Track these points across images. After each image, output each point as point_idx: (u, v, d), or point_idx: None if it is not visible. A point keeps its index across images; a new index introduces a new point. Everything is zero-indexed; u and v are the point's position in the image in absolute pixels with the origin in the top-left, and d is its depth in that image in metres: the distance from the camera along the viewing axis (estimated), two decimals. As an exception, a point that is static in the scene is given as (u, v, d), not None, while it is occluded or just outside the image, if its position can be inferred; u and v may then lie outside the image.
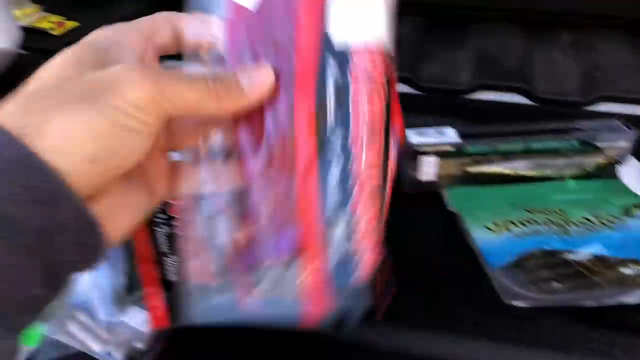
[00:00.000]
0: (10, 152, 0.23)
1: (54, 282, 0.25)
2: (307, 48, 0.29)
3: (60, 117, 0.24)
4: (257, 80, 0.29)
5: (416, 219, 0.57)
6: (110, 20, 0.31)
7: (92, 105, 0.25)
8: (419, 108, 0.71)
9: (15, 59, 0.73)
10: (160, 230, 0.50)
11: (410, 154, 0.57)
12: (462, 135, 0.57)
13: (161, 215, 0.51)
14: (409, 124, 0.70)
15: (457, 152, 0.57)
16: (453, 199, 0.57)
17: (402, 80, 0.78)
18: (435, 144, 0.57)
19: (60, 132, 0.24)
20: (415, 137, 0.57)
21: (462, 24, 0.89)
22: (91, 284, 0.47)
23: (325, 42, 0.29)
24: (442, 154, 0.57)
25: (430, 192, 0.59)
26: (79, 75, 0.26)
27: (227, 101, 0.28)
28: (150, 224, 0.50)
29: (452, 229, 0.55)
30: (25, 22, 0.87)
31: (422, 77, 0.78)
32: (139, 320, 0.46)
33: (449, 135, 0.57)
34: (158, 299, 0.45)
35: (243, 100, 0.28)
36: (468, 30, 0.88)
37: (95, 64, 0.27)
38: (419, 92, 0.77)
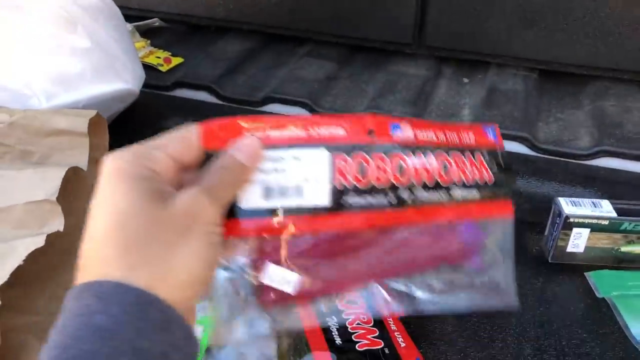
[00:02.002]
0: (135, 299, 0.27)
1: None
2: None
3: (179, 256, 0.28)
4: (250, 152, 0.33)
5: (561, 296, 0.54)
6: (214, 57, 0.32)
7: (193, 236, 0.29)
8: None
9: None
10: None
11: (563, 224, 0.54)
12: (618, 210, 0.54)
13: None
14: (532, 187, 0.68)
15: (611, 227, 0.54)
16: (601, 283, 0.54)
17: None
18: (589, 217, 0.54)
19: (184, 270, 0.28)
20: (568, 206, 0.54)
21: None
22: None
23: None
24: (595, 228, 0.54)
25: (574, 265, 0.56)
26: (151, 208, 0.29)
27: (242, 176, 0.33)
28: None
29: (602, 316, 0.52)
30: (135, 57, 0.88)
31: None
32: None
33: (605, 208, 0.54)
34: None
35: (248, 170, 0.33)
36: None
37: (156, 197, 0.29)
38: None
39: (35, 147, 0.55)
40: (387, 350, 0.44)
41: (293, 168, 0.35)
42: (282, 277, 0.36)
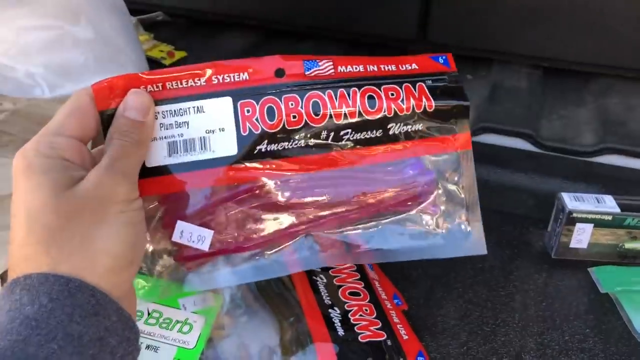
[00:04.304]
0: (62, 287, 0.27)
1: None
2: None
3: (98, 241, 0.28)
4: (137, 106, 0.32)
5: (564, 292, 0.54)
6: (217, 52, 0.31)
7: (107, 219, 0.29)
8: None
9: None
10: (321, 280, 0.49)
11: (566, 219, 0.54)
12: (622, 206, 0.54)
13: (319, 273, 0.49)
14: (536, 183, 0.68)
15: (615, 223, 0.54)
16: (604, 278, 0.54)
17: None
18: (593, 212, 0.54)
19: (107, 254, 0.28)
20: (571, 202, 0.54)
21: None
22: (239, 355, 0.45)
23: None
24: (599, 223, 0.54)
25: (577, 261, 0.56)
26: (59, 199, 0.28)
27: (140, 135, 0.32)
28: (309, 277, 0.48)
29: (606, 311, 0.52)
30: (138, 50, 0.88)
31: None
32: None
33: (609, 203, 0.54)
34: (329, 353, 0.42)
35: (143, 126, 0.32)
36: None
37: (65, 185, 0.29)
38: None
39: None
40: (389, 342, 0.44)
41: (196, 120, 0.34)
42: (193, 234, 0.35)
